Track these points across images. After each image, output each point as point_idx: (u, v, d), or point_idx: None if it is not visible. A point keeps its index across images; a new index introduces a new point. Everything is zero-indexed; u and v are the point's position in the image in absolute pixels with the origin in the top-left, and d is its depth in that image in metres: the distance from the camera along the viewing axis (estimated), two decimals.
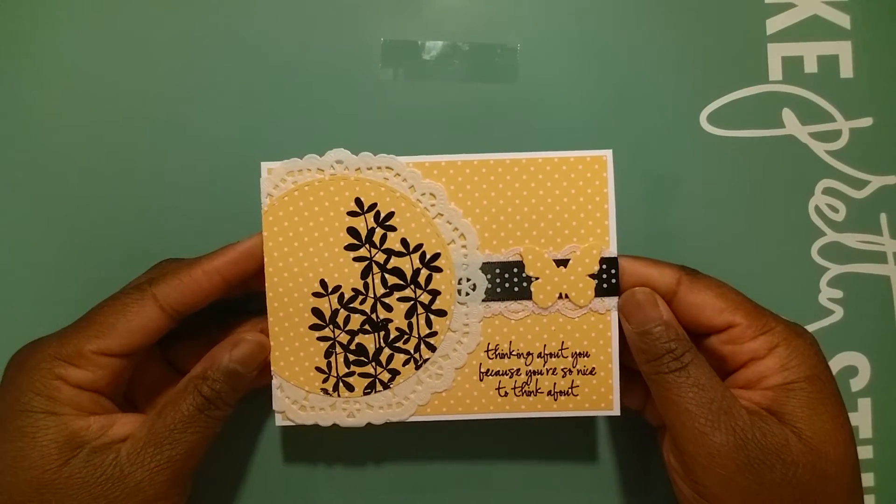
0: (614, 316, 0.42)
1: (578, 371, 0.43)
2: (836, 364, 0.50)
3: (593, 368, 0.42)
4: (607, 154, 0.41)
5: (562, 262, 0.42)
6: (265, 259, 0.42)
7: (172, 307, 0.40)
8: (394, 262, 0.42)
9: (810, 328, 0.48)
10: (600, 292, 0.42)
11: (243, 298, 0.45)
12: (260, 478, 0.49)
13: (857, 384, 0.50)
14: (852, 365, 0.50)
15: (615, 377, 0.43)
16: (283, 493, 0.49)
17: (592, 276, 0.41)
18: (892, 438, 0.50)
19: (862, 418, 0.50)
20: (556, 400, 0.43)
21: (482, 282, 0.42)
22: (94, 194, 0.47)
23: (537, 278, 0.42)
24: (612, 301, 0.42)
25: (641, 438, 0.48)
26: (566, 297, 0.42)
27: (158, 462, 0.38)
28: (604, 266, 0.41)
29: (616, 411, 0.43)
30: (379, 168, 0.42)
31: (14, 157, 0.47)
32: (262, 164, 0.42)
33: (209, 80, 0.47)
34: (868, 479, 0.50)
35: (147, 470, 0.38)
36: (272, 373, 0.43)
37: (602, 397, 0.43)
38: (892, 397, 0.50)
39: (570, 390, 0.43)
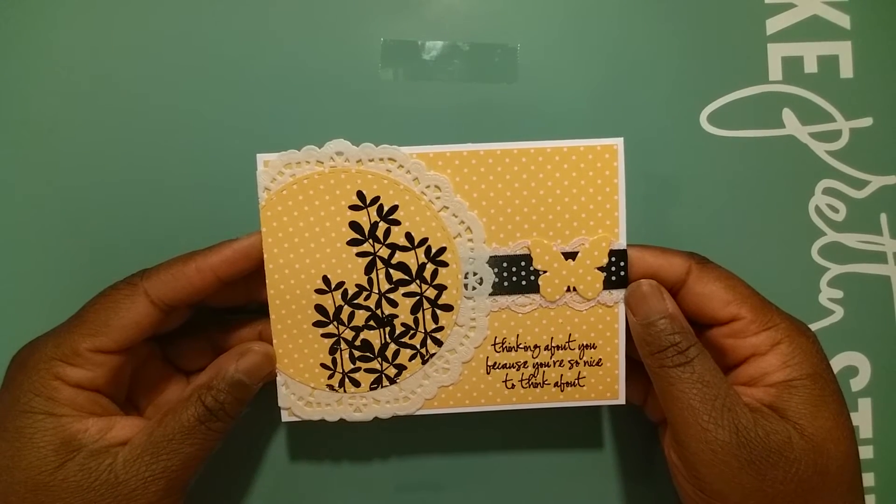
0: (622, 308, 0.42)
1: (585, 362, 0.42)
2: (837, 364, 0.50)
3: (600, 360, 0.42)
4: (618, 142, 0.41)
5: (570, 255, 0.41)
6: (265, 255, 0.41)
7: (164, 302, 0.40)
8: (398, 256, 0.41)
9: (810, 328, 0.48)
10: (609, 285, 0.41)
11: (245, 303, 0.45)
12: (266, 475, 0.48)
13: (857, 384, 0.50)
14: (852, 365, 0.50)
15: (621, 367, 0.43)
16: (289, 490, 0.48)
17: (601, 268, 0.41)
18: (892, 438, 0.50)
19: (862, 418, 0.50)
20: (562, 391, 0.43)
21: (489, 276, 0.41)
22: (90, 188, 0.47)
23: (545, 272, 0.41)
24: (619, 293, 0.42)
25: (647, 427, 0.48)
26: (574, 290, 0.42)
27: (153, 472, 0.38)
28: (612, 258, 0.41)
29: (621, 400, 0.43)
30: (381, 160, 0.41)
31: (11, 155, 0.47)
32: (258, 155, 0.41)
33: (208, 79, 0.47)
34: (868, 479, 0.50)
35: (141, 479, 0.37)
36: (276, 370, 0.42)
37: (608, 387, 0.43)
38: (892, 397, 0.50)
39: (576, 381, 0.43)
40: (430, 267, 0.41)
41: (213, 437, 0.39)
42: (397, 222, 0.41)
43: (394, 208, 0.41)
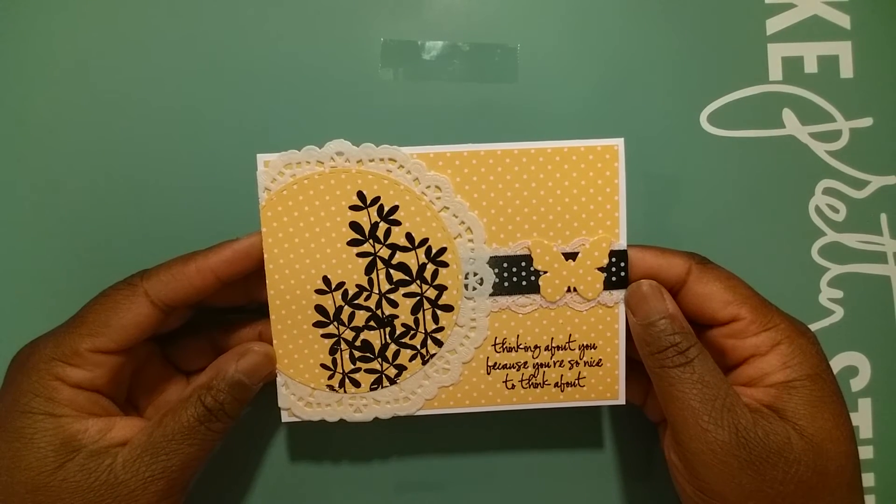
0: (622, 308, 0.42)
1: (585, 363, 0.42)
2: (836, 364, 0.50)
3: (600, 360, 0.42)
4: (619, 143, 0.41)
5: (570, 256, 0.41)
6: (265, 256, 0.41)
7: (164, 302, 0.40)
8: (399, 257, 0.41)
9: (810, 328, 0.48)
10: (609, 285, 0.41)
11: (245, 303, 0.45)
12: (266, 475, 0.48)
13: (857, 384, 0.50)
14: (852, 365, 0.50)
15: (621, 367, 0.43)
16: (289, 491, 0.48)
17: (601, 269, 0.41)
18: (892, 438, 0.50)
19: (862, 418, 0.50)
20: (562, 391, 0.43)
21: (489, 276, 0.41)
22: (90, 188, 0.47)
23: (545, 272, 0.41)
24: (620, 294, 0.42)
25: (647, 427, 0.48)
26: (574, 290, 0.42)
27: (153, 472, 0.37)
28: (613, 259, 0.41)
29: (621, 400, 0.43)
30: (381, 160, 0.41)
31: (11, 155, 0.47)
32: (259, 156, 0.41)
33: (208, 79, 0.47)
34: (868, 479, 0.50)
35: (141, 479, 0.37)
36: (276, 371, 0.42)
37: (608, 387, 0.43)
38: (893, 397, 0.50)
39: (576, 381, 0.43)
40: (430, 267, 0.41)
41: (212, 437, 0.39)
42: (398, 223, 0.41)
43: (394, 208, 0.41)
